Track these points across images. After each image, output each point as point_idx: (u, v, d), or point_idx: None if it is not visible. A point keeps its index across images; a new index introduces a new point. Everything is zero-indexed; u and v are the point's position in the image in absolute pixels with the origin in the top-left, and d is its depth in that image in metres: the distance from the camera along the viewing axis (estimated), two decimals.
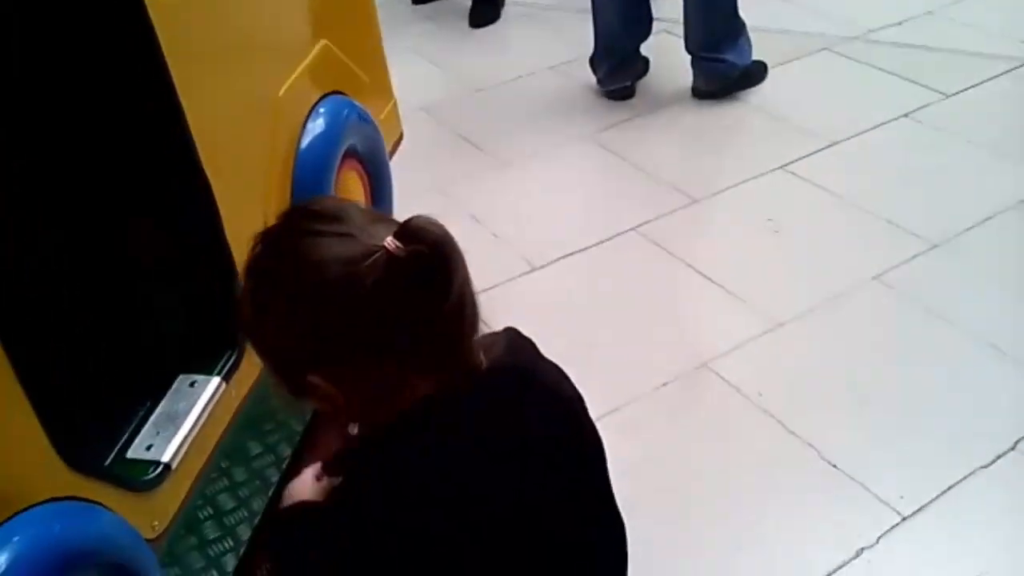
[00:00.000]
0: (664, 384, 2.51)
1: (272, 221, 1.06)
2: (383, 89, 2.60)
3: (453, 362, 1.05)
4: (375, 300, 0.98)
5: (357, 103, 2.29)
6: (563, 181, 3.49)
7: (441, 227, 1.01)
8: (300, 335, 1.02)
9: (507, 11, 4.70)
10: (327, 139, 2.14)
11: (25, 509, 1.30)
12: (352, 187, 2.29)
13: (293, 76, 2.04)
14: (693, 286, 2.87)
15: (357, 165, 2.31)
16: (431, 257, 0.98)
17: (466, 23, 4.59)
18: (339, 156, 2.18)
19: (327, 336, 1.01)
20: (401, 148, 2.85)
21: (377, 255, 0.98)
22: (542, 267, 3.03)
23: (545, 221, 3.27)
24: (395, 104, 2.66)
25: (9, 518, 1.28)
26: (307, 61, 2.11)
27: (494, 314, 2.87)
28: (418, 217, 1.01)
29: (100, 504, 1.43)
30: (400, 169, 2.72)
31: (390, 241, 0.99)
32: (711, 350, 2.61)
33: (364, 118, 2.31)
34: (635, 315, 2.78)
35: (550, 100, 3.99)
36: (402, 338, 1.01)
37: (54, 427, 1.36)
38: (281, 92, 1.99)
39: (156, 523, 1.61)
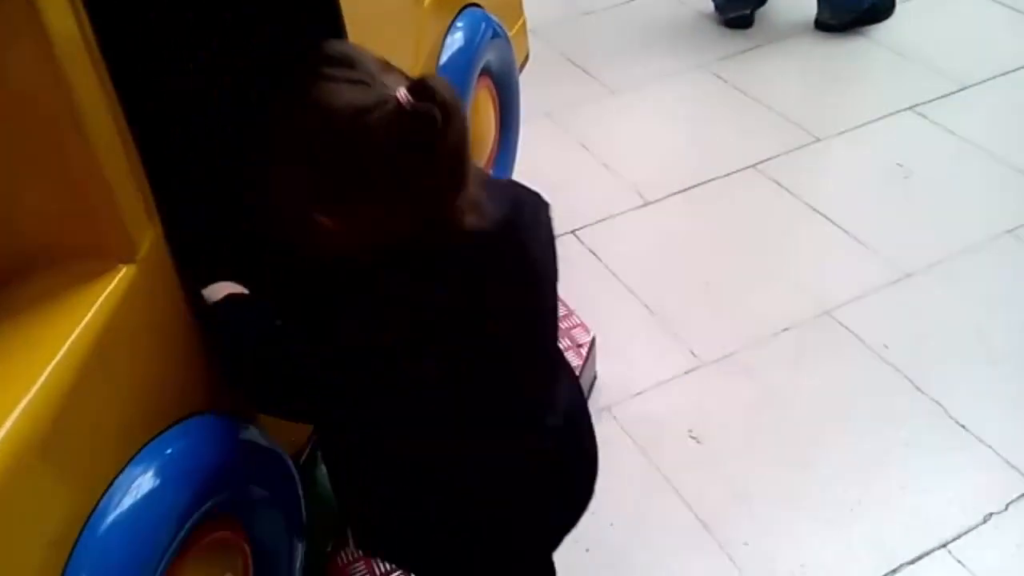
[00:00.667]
0: (784, 330, 2.44)
1: None
2: (514, 5, 2.49)
3: (439, 214, 1.11)
4: (379, 146, 1.05)
5: (494, 18, 2.20)
6: (676, 112, 3.38)
7: (452, 89, 1.07)
8: (309, 171, 1.09)
9: None
10: (466, 55, 2.06)
11: (178, 422, 1.29)
12: (484, 107, 2.22)
13: None
14: (815, 229, 2.77)
15: (490, 83, 2.23)
16: (437, 117, 1.03)
17: None
18: (477, 72, 2.10)
19: (332, 173, 1.07)
20: None
21: (388, 105, 1.04)
22: (655, 201, 2.95)
23: (658, 153, 3.17)
24: (524, 21, 2.56)
25: (164, 430, 1.27)
26: None
27: (604, 246, 2.82)
28: (432, 76, 1.07)
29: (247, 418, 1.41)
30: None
31: (403, 93, 1.04)
32: (834, 297, 2.52)
33: (499, 34, 2.22)
34: (753, 256, 2.69)
35: (663, 26, 3.84)
36: (397, 184, 1.07)
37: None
38: (425, 3, 1.91)
39: (294, 438, 1.60)
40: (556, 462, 1.35)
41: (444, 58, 2.00)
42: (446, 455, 1.25)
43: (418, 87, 1.05)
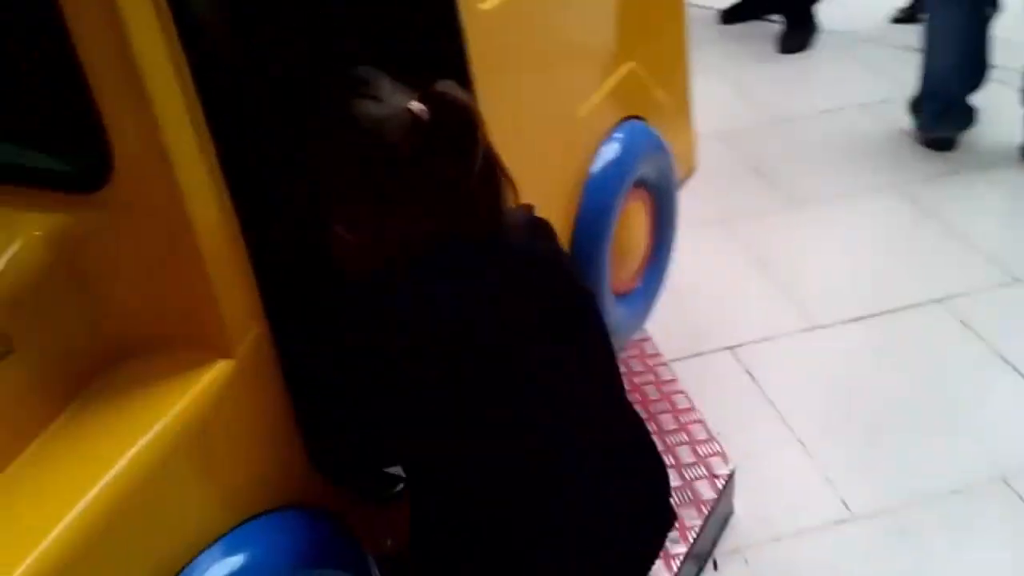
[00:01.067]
0: (953, 492, 2.19)
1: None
2: (684, 118, 2.44)
3: (464, 220, 1.15)
4: (396, 153, 1.11)
5: (655, 131, 2.15)
6: (861, 232, 3.18)
7: (464, 95, 1.14)
8: (332, 182, 1.16)
9: (821, 40, 4.39)
10: (619, 167, 2.01)
11: (265, 512, 1.28)
12: (636, 218, 2.15)
13: (596, 97, 1.93)
14: (1002, 382, 2.50)
15: (645, 195, 2.17)
16: (453, 124, 1.11)
17: (774, 48, 4.33)
18: (629, 184, 2.05)
19: (354, 183, 1.14)
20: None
21: (403, 116, 1.11)
22: (824, 326, 2.76)
23: (834, 275, 2.98)
24: (693, 134, 2.49)
25: (250, 519, 1.26)
26: (612, 82, 2.00)
27: (762, 369, 2.67)
28: (442, 82, 1.13)
29: (336, 514, 1.39)
30: (686, 193, 2.55)
31: (416, 105, 1.12)
32: (1015, 464, 2.25)
33: (660, 148, 2.16)
34: (927, 402, 2.45)
35: (857, 141, 3.66)
36: (419, 189, 1.13)
37: (308, 428, 1.33)
38: (582, 113, 1.89)
39: (390, 541, 1.56)
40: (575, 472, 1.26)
41: (596, 167, 1.97)
42: (445, 455, 1.22)
43: (428, 96, 1.12)
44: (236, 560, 1.24)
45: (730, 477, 2.17)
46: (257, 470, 1.27)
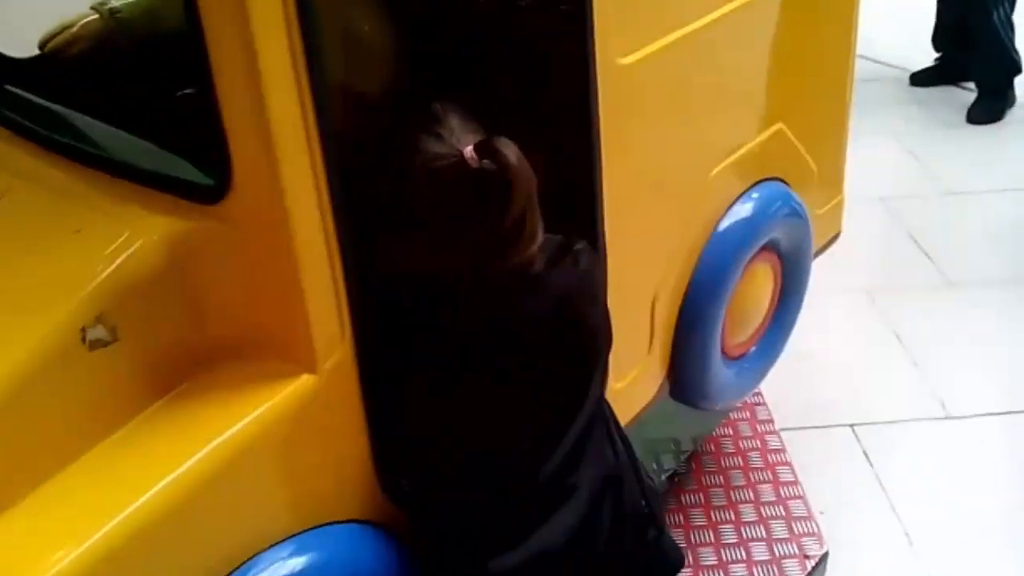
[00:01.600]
0: None
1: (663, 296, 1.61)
2: (832, 182, 2.37)
3: (485, 263, 1.29)
4: (443, 193, 1.24)
5: (795, 196, 2.10)
6: (1015, 323, 2.99)
7: (517, 154, 1.25)
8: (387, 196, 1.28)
9: (1014, 113, 4.14)
10: (749, 227, 1.98)
11: (328, 523, 1.34)
12: (761, 280, 2.11)
13: (732, 158, 1.91)
14: None
15: (773, 259, 2.12)
16: (494, 179, 1.22)
17: (963, 117, 4.11)
18: (756, 246, 2.01)
19: (404, 203, 1.27)
20: (841, 237, 2.58)
21: (456, 157, 1.23)
22: (960, 417, 2.63)
23: (981, 363, 2.82)
24: (841, 200, 2.42)
25: (312, 528, 1.33)
26: (754, 143, 1.97)
27: (882, 453, 2.56)
28: (502, 139, 1.25)
29: (397, 534, 1.44)
30: (831, 257, 2.48)
31: (469, 151, 1.23)
32: None
33: (797, 213, 2.11)
34: None
35: None
36: (454, 225, 1.27)
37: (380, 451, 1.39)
38: (713, 173, 1.87)
39: None
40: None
41: (724, 225, 1.94)
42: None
43: (482, 146, 1.23)
44: (294, 563, 1.31)
45: (822, 560, 2.10)
46: (326, 482, 1.34)
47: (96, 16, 1.78)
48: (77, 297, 1.17)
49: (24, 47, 1.77)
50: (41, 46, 1.79)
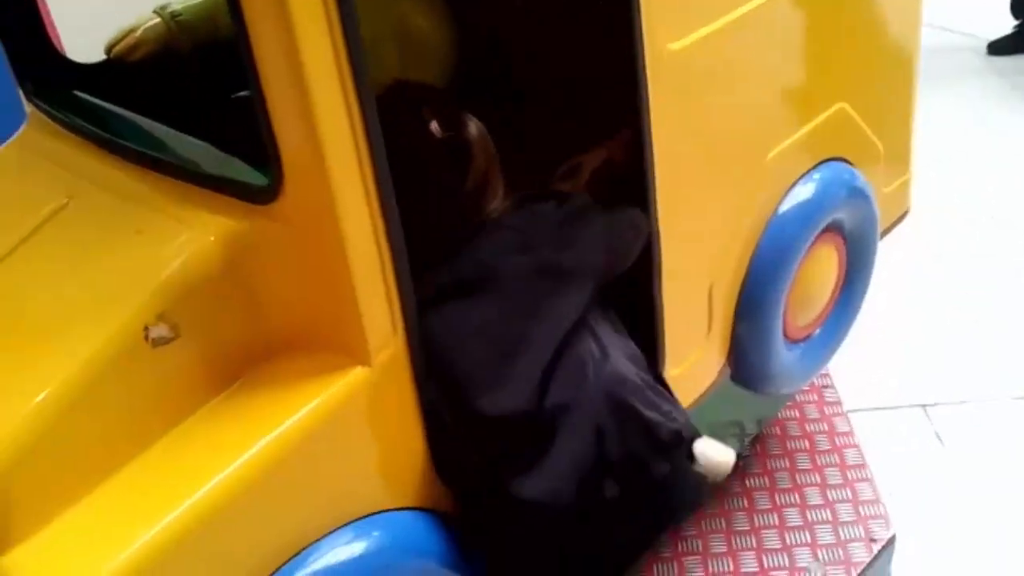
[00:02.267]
0: None
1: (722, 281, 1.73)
2: (900, 160, 2.31)
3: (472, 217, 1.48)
4: (414, 160, 1.36)
5: (860, 175, 2.06)
6: None
7: (478, 126, 1.47)
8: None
9: None
10: (810, 209, 1.94)
11: (386, 510, 1.39)
12: (825, 262, 2.07)
13: (791, 139, 1.87)
14: None
15: (838, 240, 2.08)
16: (454, 146, 1.43)
17: None
18: (817, 228, 1.98)
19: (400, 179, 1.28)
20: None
21: (427, 131, 1.42)
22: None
23: None
24: (909, 179, 2.35)
25: (371, 515, 1.37)
26: (814, 123, 1.93)
27: (955, 434, 2.48)
28: (464, 114, 1.47)
29: (452, 519, 1.48)
30: (898, 234, 2.41)
31: (434, 124, 1.42)
32: None
33: (862, 193, 2.06)
34: None
35: None
36: (431, 192, 1.42)
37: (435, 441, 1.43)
38: (771, 155, 1.84)
39: None
40: None
41: (784, 207, 1.91)
42: None
43: (446, 119, 1.43)
44: (354, 548, 1.35)
45: (889, 543, 2.07)
46: (382, 470, 1.38)
47: (158, 20, 1.84)
48: (139, 297, 1.22)
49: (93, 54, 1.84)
50: (107, 51, 1.86)
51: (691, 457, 1.56)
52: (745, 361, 1.98)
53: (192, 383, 1.27)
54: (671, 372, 1.77)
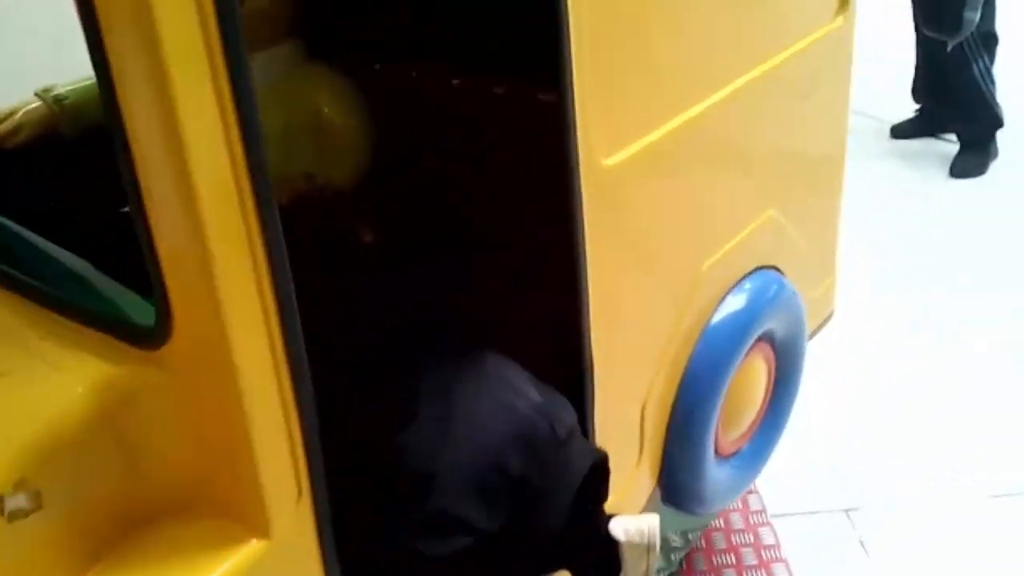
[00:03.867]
0: None
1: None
2: (826, 262, 2.26)
3: None
4: None
5: (789, 283, 1.99)
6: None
7: None
8: None
9: (996, 167, 4.07)
10: (742, 320, 1.86)
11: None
12: (755, 373, 1.99)
13: (723, 249, 1.79)
14: None
15: (767, 350, 2.00)
16: None
17: (946, 171, 4.04)
18: (750, 340, 1.89)
19: None
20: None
21: None
22: (958, 497, 2.50)
23: (989, 435, 2.69)
24: (834, 280, 2.31)
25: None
26: (746, 232, 1.85)
27: (879, 539, 2.35)
28: None
29: None
30: (821, 336, 2.35)
31: None
32: None
33: (792, 301, 1.99)
34: None
35: None
36: None
37: None
38: (704, 267, 1.75)
39: None
40: None
41: (716, 319, 1.82)
42: None
43: None
44: None
45: None
46: None
47: (39, 103, 1.65)
48: None
49: None
50: None
51: (613, 544, 1.46)
52: (676, 482, 1.86)
53: (57, 558, 1.06)
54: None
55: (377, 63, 1.75)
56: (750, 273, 1.90)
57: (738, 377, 1.90)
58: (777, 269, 1.97)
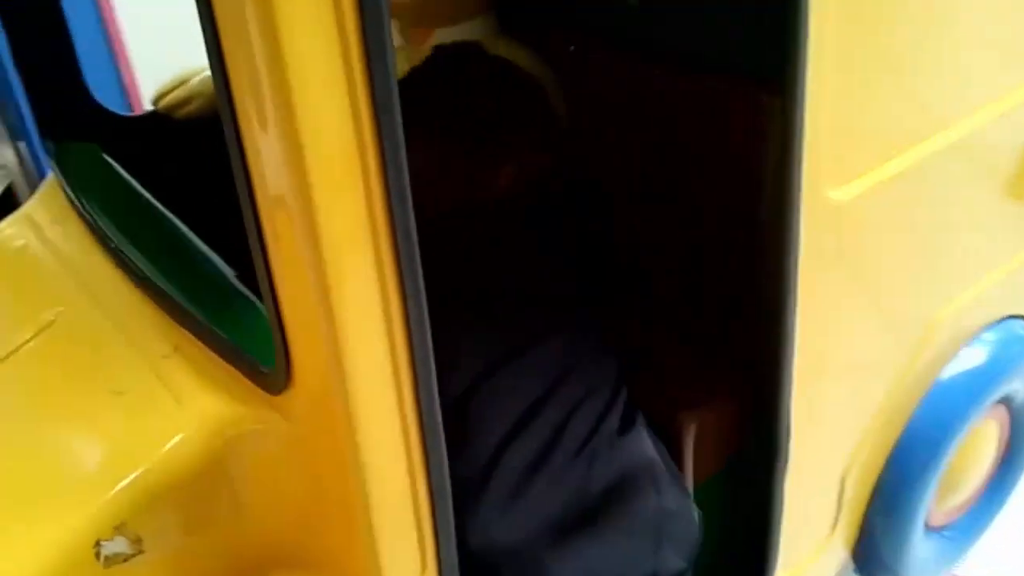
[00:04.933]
0: None
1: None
2: None
3: None
4: None
5: None
6: None
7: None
8: None
9: None
10: (980, 380, 1.56)
11: None
12: (985, 440, 1.67)
13: (963, 297, 1.49)
14: None
15: (1003, 414, 1.68)
16: None
17: None
18: (986, 401, 1.59)
19: None
20: None
21: None
22: None
23: None
24: None
25: None
26: (996, 276, 1.54)
27: None
28: None
29: None
30: None
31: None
32: None
33: None
34: None
35: None
36: None
37: None
38: (939, 314, 1.45)
39: None
40: None
41: (947, 375, 1.52)
42: None
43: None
44: None
45: None
46: None
47: None
48: (96, 498, 0.92)
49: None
50: (154, 102, 1.58)
51: None
52: (876, 554, 1.60)
53: None
54: None
55: (571, 44, 1.53)
56: (994, 323, 1.58)
57: (966, 442, 1.60)
58: None
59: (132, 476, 0.93)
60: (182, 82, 1.55)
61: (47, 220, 1.39)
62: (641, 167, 1.38)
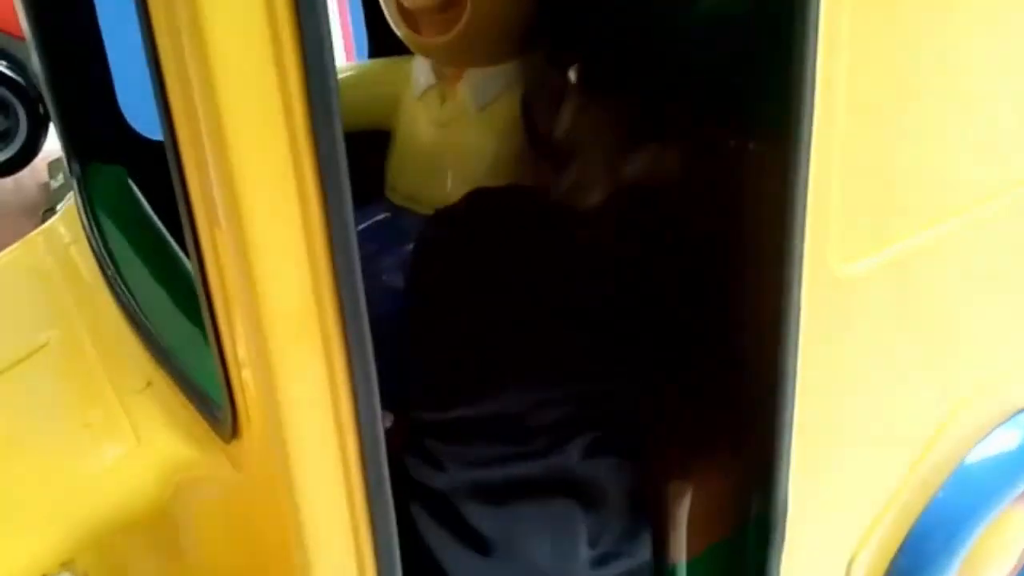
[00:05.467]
0: None
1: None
2: None
3: None
4: None
5: None
6: None
7: None
8: None
9: None
10: (1010, 466, 1.46)
11: None
12: (1013, 529, 1.57)
13: (998, 374, 1.40)
14: None
15: None
16: None
17: None
18: (1017, 489, 1.49)
19: None
20: None
21: None
22: None
23: None
24: None
25: None
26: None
27: None
28: None
29: None
30: None
31: None
32: None
33: None
34: None
35: None
36: None
37: None
38: (965, 393, 1.37)
39: None
40: None
41: (974, 459, 1.44)
42: None
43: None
44: None
45: None
46: None
47: None
48: (47, 533, 0.92)
49: None
50: None
51: None
52: None
53: None
54: None
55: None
56: None
57: (992, 530, 1.51)
58: None
59: (81, 513, 0.92)
60: None
61: (70, 237, 1.42)
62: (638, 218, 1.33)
